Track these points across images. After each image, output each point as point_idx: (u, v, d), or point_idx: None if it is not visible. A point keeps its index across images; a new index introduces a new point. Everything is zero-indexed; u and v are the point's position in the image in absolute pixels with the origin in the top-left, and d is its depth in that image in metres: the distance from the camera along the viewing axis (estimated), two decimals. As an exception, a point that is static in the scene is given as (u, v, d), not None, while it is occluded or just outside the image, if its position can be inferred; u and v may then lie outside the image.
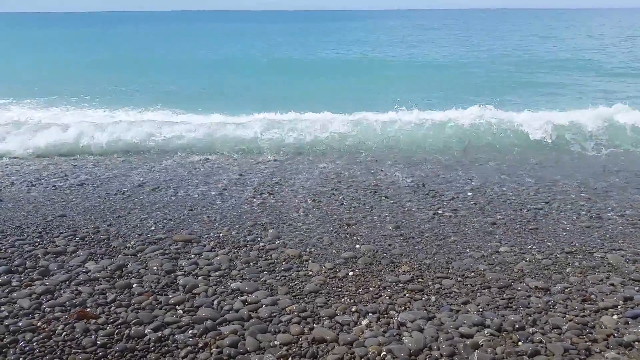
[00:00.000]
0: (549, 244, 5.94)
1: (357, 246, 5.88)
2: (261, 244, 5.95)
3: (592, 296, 4.66)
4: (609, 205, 7.28)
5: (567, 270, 5.25)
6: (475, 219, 6.80)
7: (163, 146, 11.10)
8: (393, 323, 4.22)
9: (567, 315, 4.33)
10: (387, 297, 4.68)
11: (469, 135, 11.27)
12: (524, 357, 3.73)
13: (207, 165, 9.97)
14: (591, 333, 4.07)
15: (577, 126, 11.49)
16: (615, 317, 4.30)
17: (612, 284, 4.90)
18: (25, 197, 7.80)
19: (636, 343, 3.90)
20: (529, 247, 5.85)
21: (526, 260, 5.47)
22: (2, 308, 4.40)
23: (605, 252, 5.64)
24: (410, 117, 12.06)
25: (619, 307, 4.47)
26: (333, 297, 4.70)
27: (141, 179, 8.92)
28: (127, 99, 16.88)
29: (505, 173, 9.17)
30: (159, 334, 4.02)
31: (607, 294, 4.71)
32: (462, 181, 8.66)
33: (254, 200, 7.70)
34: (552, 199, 7.63)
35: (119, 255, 5.59)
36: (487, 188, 8.22)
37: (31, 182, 8.63)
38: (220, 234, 6.23)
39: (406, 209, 7.26)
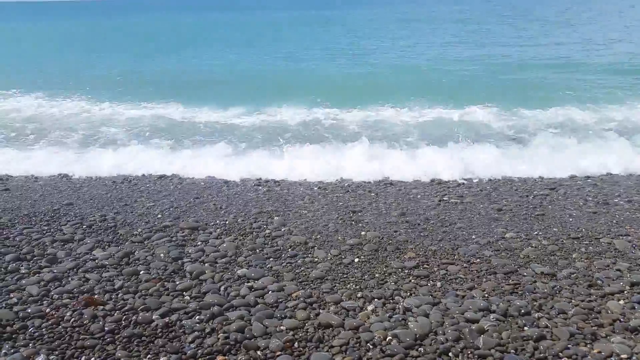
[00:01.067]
0: (555, 229, 5.92)
1: (363, 233, 5.89)
2: (267, 231, 5.97)
3: (599, 281, 4.66)
4: (616, 191, 7.24)
5: (574, 255, 5.24)
6: (481, 206, 6.79)
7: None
8: (399, 308, 4.23)
9: (573, 301, 4.33)
10: (393, 283, 4.69)
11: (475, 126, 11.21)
12: (530, 341, 3.74)
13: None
14: (597, 318, 4.07)
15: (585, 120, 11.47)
16: (621, 302, 4.29)
17: (618, 270, 4.88)
18: (33, 186, 7.85)
19: (642, 328, 3.90)
20: (535, 233, 5.83)
21: (532, 246, 5.46)
22: (12, 295, 4.45)
23: (612, 238, 5.62)
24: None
25: (625, 292, 4.46)
26: (339, 283, 4.71)
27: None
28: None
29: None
30: (167, 319, 4.05)
31: (613, 280, 4.69)
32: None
33: (260, 188, 7.71)
34: (558, 184, 7.60)
35: (126, 243, 5.62)
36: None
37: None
38: (227, 222, 6.25)
39: (412, 195, 7.25)
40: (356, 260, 5.20)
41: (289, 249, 5.47)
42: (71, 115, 13.47)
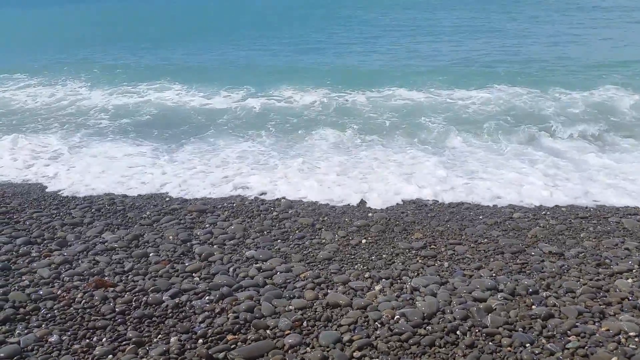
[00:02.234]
0: (563, 209, 5.90)
1: (370, 214, 5.89)
2: (274, 213, 5.99)
3: (607, 260, 4.65)
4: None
5: (582, 235, 5.23)
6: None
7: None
8: (406, 288, 4.25)
9: (581, 279, 4.33)
10: (400, 264, 4.71)
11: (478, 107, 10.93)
12: (538, 320, 3.74)
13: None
14: (605, 296, 4.06)
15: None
16: (630, 280, 4.28)
17: (627, 249, 4.87)
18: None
19: (651, 306, 3.90)
20: (543, 212, 5.81)
21: (540, 226, 5.44)
22: (24, 277, 4.50)
23: (620, 217, 5.60)
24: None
25: (634, 270, 4.45)
26: (346, 264, 4.73)
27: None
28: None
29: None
30: (177, 300, 4.10)
31: (621, 258, 4.68)
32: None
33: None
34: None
35: (135, 226, 5.66)
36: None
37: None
38: (234, 204, 6.27)
39: (419, 177, 7.21)
40: (363, 241, 5.22)
41: (297, 231, 5.49)
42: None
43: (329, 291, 4.22)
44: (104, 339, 3.64)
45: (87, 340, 3.62)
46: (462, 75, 13.31)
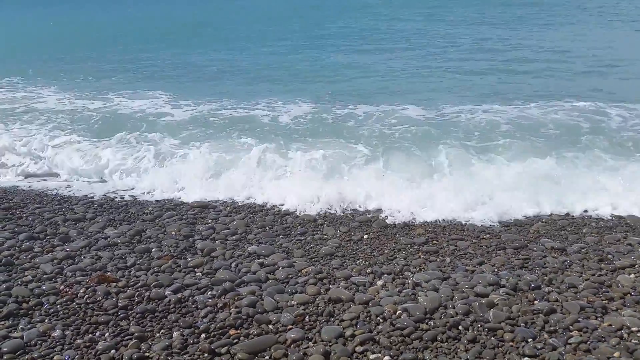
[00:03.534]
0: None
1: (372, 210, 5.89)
2: (276, 208, 5.99)
3: (609, 256, 4.64)
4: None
5: (584, 230, 5.22)
6: (491, 182, 6.74)
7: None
8: (408, 283, 4.25)
9: (583, 275, 4.32)
10: (402, 259, 4.71)
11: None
12: (540, 315, 3.74)
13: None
14: (608, 292, 4.06)
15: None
16: (632, 276, 4.28)
17: (629, 244, 4.87)
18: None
19: (653, 301, 3.89)
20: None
21: (542, 221, 5.44)
22: (26, 273, 4.51)
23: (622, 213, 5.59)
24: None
25: (636, 266, 4.45)
26: (348, 260, 4.74)
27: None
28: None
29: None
30: (179, 295, 4.10)
31: (624, 254, 4.68)
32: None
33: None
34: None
35: (137, 221, 5.67)
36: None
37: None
38: (236, 199, 6.27)
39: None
40: (365, 236, 5.22)
41: (299, 226, 5.50)
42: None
43: (331, 286, 4.23)
44: (106, 334, 3.64)
45: (90, 335, 3.62)
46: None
